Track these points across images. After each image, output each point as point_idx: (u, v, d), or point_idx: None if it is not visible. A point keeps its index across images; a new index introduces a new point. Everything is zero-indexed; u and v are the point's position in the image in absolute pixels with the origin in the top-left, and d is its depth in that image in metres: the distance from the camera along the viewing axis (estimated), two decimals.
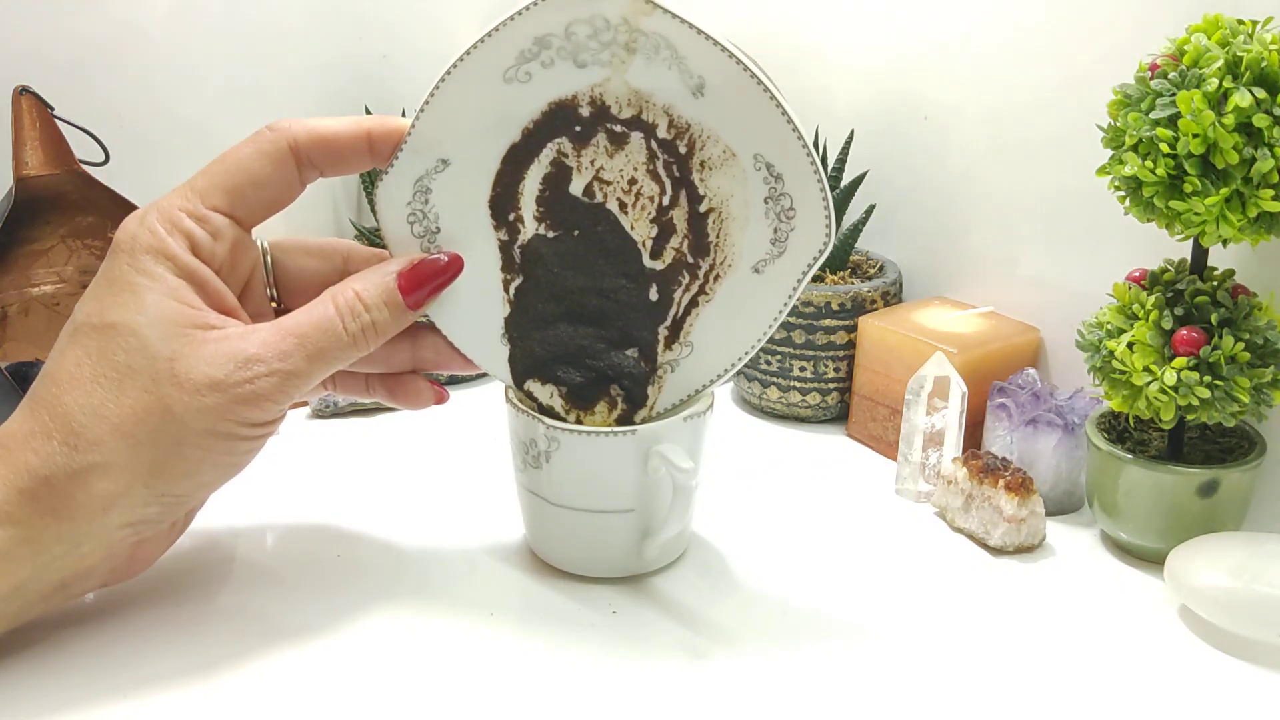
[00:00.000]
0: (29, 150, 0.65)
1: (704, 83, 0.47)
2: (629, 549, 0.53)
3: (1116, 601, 0.54)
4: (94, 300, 0.45)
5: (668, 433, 0.51)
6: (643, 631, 0.51)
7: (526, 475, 0.53)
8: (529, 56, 0.47)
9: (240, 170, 0.47)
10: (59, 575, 0.45)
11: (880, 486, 0.64)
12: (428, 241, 0.50)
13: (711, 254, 0.50)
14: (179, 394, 0.44)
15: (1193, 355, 0.53)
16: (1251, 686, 0.48)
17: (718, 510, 0.59)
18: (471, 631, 0.50)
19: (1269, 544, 0.52)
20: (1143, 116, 0.51)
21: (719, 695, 0.47)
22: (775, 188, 0.49)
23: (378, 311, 0.47)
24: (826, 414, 0.72)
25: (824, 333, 0.70)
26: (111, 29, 0.73)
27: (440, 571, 0.55)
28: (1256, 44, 0.50)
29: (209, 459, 0.45)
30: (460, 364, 0.52)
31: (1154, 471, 0.55)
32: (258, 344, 0.45)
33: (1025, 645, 0.50)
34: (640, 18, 0.46)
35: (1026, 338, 0.68)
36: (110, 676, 0.46)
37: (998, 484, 0.57)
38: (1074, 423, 0.60)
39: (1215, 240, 0.51)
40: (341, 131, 0.48)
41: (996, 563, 0.57)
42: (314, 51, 0.81)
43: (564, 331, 0.51)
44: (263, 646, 0.48)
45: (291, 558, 0.55)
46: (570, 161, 0.49)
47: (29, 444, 0.43)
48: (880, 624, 0.52)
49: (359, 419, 0.72)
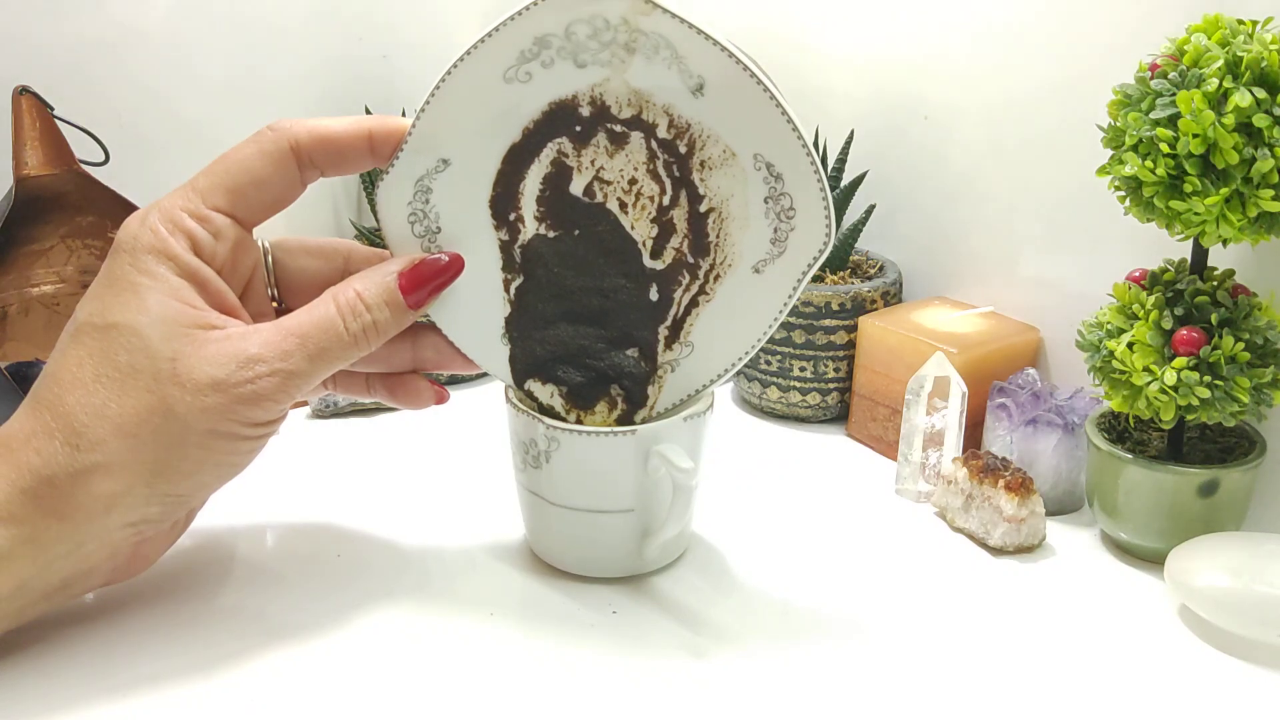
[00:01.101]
0: (29, 150, 0.65)
1: (704, 82, 0.47)
2: (629, 549, 0.53)
3: (1116, 601, 0.54)
4: (95, 300, 0.45)
5: (668, 433, 0.51)
6: (643, 631, 0.51)
7: (526, 475, 0.54)
8: (529, 56, 0.47)
9: (241, 170, 0.47)
10: (61, 575, 0.45)
11: (880, 486, 0.64)
12: (428, 241, 0.50)
13: (711, 254, 0.50)
14: (181, 394, 0.44)
15: (1193, 355, 0.53)
16: (1251, 686, 0.48)
17: (718, 510, 0.59)
18: (471, 631, 0.50)
19: (1269, 544, 0.52)
20: (1143, 116, 0.51)
21: (719, 695, 0.47)
22: (775, 188, 0.49)
23: (378, 311, 0.47)
24: (826, 414, 0.72)
25: (824, 333, 0.70)
26: (111, 29, 0.73)
27: (440, 571, 0.55)
28: (1256, 44, 0.50)
29: (210, 459, 0.45)
30: (461, 364, 0.52)
31: (1154, 471, 0.55)
32: (259, 344, 0.45)
33: (1025, 645, 0.50)
34: (640, 17, 0.46)
35: (1026, 338, 0.68)
36: (110, 676, 0.46)
37: (998, 484, 0.57)
38: (1074, 423, 0.60)
39: (1215, 240, 0.51)
40: (342, 131, 0.48)
41: (996, 563, 0.57)
42: (314, 51, 0.81)
43: (564, 331, 0.51)
44: (263, 646, 0.48)
45: (291, 557, 0.55)
46: (570, 161, 0.49)
47: (31, 444, 0.44)
48: (880, 624, 0.52)
49: (359, 419, 0.72)
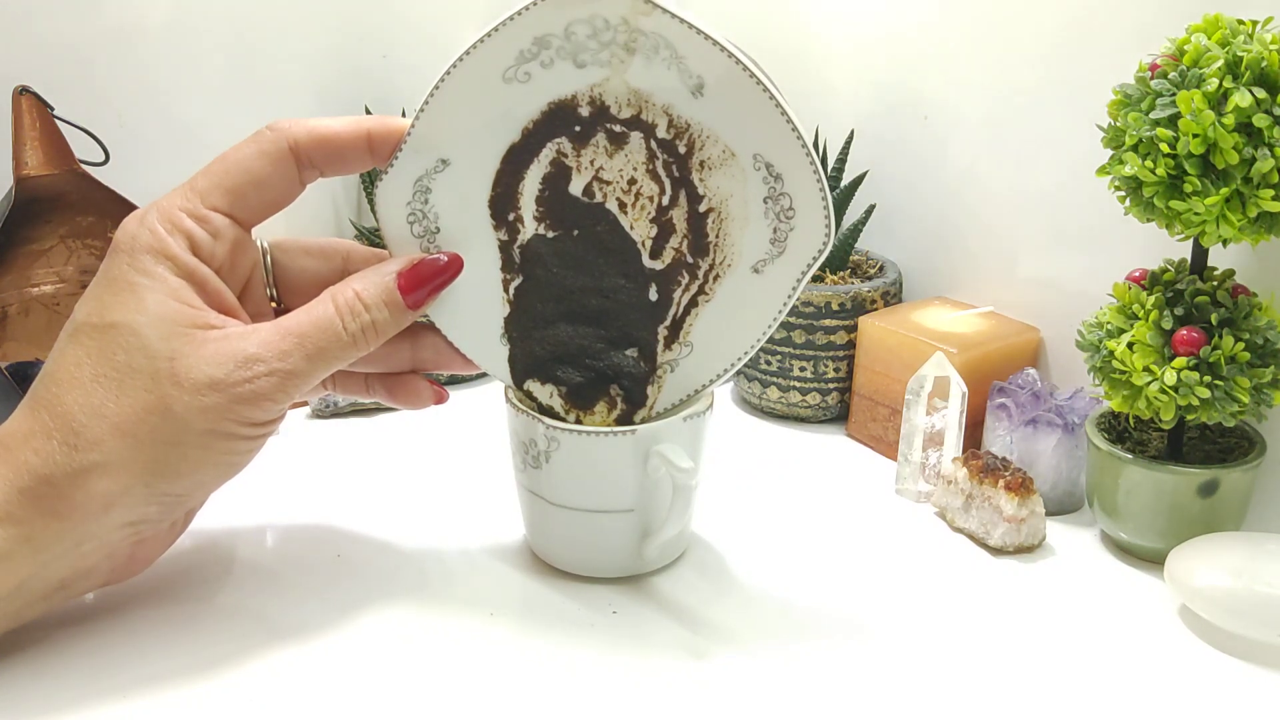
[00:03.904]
0: (29, 150, 0.65)
1: (703, 82, 0.47)
2: (629, 549, 0.53)
3: (1116, 601, 0.54)
4: (94, 300, 0.45)
5: (668, 433, 0.51)
6: (643, 631, 0.51)
7: (526, 475, 0.53)
8: (529, 56, 0.47)
9: (240, 170, 0.47)
10: (59, 574, 0.45)
11: (880, 486, 0.64)
12: (427, 241, 0.50)
13: (711, 254, 0.50)
14: (179, 393, 0.44)
15: (1193, 355, 0.53)
16: (1251, 686, 0.48)
17: (718, 510, 0.59)
18: (471, 631, 0.50)
19: (1269, 544, 0.52)
20: (1143, 116, 0.51)
21: (719, 695, 0.47)
22: (775, 188, 0.49)
23: (377, 311, 0.47)
24: (826, 414, 0.72)
25: (824, 333, 0.70)
26: (111, 29, 0.73)
27: (440, 571, 0.55)
28: (1256, 44, 0.50)
29: (209, 459, 0.45)
30: (460, 364, 0.52)
31: (1154, 471, 0.55)
32: (257, 343, 0.45)
33: (1025, 645, 0.50)
34: (640, 18, 0.46)
35: (1026, 338, 0.68)
36: (110, 676, 0.46)
37: (998, 484, 0.57)
38: (1074, 423, 0.60)
39: (1215, 240, 0.51)
40: (341, 131, 0.48)
41: (996, 563, 0.57)
42: (314, 51, 0.81)
43: (564, 331, 0.51)
44: (263, 646, 0.48)
45: (291, 557, 0.55)
46: (570, 161, 0.49)
47: (29, 443, 0.44)
48: (880, 624, 0.52)
49: (359, 419, 0.72)
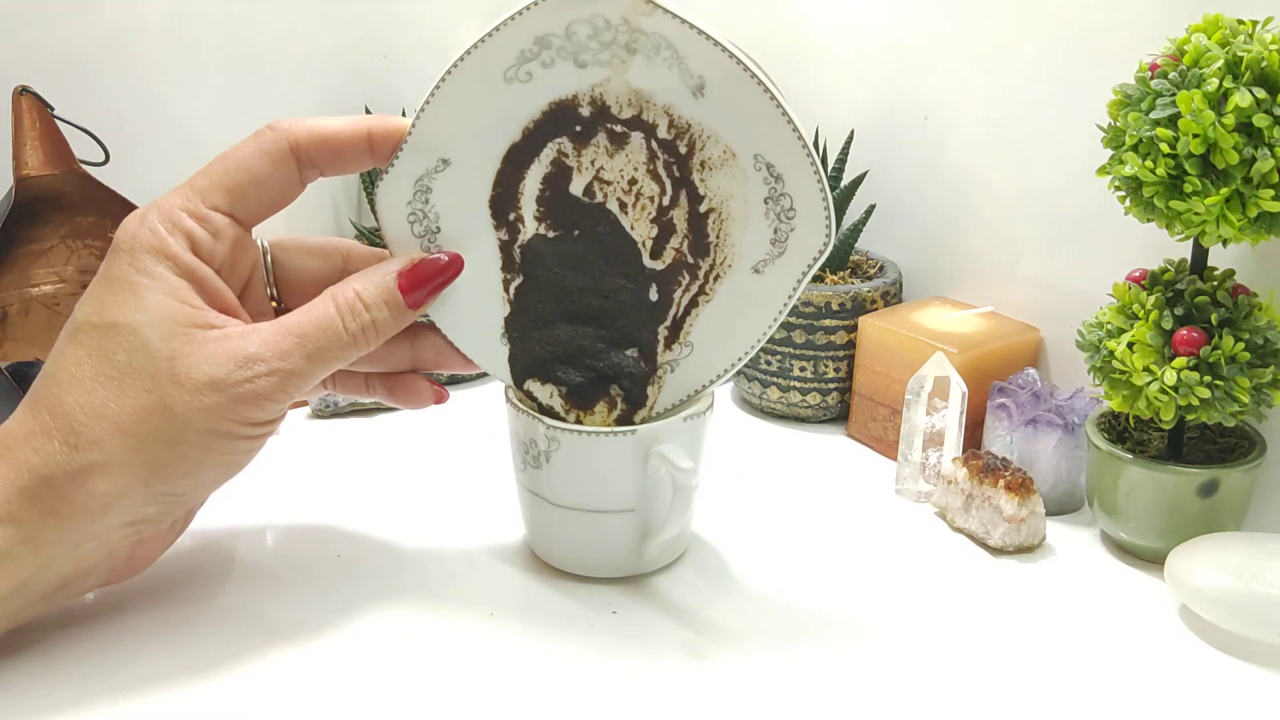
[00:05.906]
0: (29, 150, 0.65)
1: (704, 83, 0.47)
2: (629, 549, 0.53)
3: (1116, 601, 0.54)
4: (94, 300, 0.45)
5: (668, 433, 0.51)
6: (643, 631, 0.51)
7: (526, 475, 0.53)
8: (529, 56, 0.47)
9: (241, 170, 0.47)
10: (59, 574, 0.45)
11: (880, 486, 0.64)
12: (428, 241, 0.50)
13: (711, 254, 0.50)
14: (179, 393, 0.44)
15: (1193, 355, 0.53)
16: (1251, 686, 0.48)
17: (718, 510, 0.59)
18: (471, 631, 0.50)
19: (1269, 544, 0.52)
20: (1143, 116, 0.51)
21: (719, 695, 0.47)
22: (775, 188, 0.49)
23: (378, 311, 0.47)
24: (826, 414, 0.72)
25: (824, 333, 0.70)
26: (111, 29, 0.73)
27: (440, 571, 0.55)
28: (1256, 44, 0.50)
29: (209, 458, 0.45)
30: (460, 363, 0.52)
31: (1154, 471, 0.55)
32: (258, 343, 0.45)
33: (1025, 645, 0.50)
34: (640, 18, 0.46)
35: (1026, 338, 0.68)
36: (110, 676, 0.46)
37: (998, 484, 0.57)
38: (1074, 423, 0.60)
39: (1215, 240, 0.51)
40: (342, 131, 0.48)
41: (996, 563, 0.57)
42: (314, 51, 0.81)
43: (564, 331, 0.51)
44: (263, 646, 0.48)
45: (291, 557, 0.55)
46: (570, 161, 0.49)
47: (29, 443, 0.43)
48: (880, 624, 0.52)
49: (359, 419, 0.72)
